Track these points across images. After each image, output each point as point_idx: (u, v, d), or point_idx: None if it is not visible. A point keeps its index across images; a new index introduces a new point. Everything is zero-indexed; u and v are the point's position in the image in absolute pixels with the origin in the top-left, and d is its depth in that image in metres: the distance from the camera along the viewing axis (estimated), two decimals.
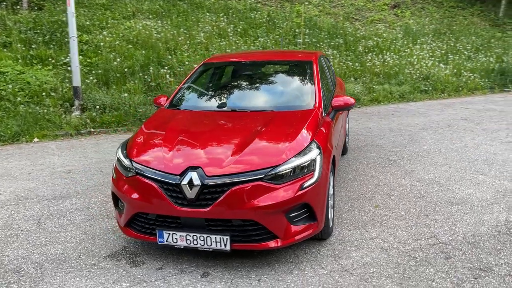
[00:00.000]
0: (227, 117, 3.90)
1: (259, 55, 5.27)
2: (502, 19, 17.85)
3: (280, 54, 5.59)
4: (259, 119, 3.75)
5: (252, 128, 3.55)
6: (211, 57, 5.11)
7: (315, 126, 3.64)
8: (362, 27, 16.15)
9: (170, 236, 3.20)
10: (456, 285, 3.04)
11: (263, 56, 5.08)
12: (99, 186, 5.25)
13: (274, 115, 3.80)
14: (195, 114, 4.04)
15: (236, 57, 5.07)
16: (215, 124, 3.78)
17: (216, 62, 4.94)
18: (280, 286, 3.08)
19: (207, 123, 3.82)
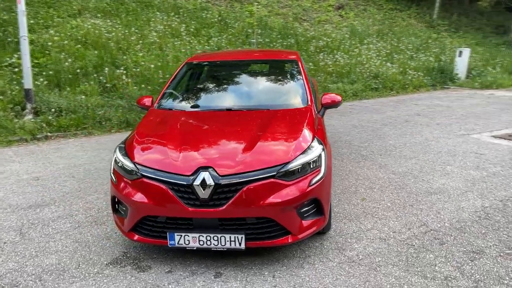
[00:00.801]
0: (225, 116, 3.89)
1: (242, 54, 5.28)
2: (436, 21, 19.07)
3: (261, 53, 5.64)
4: (259, 118, 3.78)
5: (255, 127, 3.58)
6: (193, 57, 5.06)
7: (314, 124, 3.74)
8: (311, 28, 16.58)
9: (182, 238, 3.15)
10: (457, 268, 3.26)
11: (247, 55, 5.10)
12: (76, 192, 5.01)
13: (272, 114, 3.85)
14: (191, 114, 3.99)
15: (219, 56, 5.06)
16: (215, 124, 3.76)
17: (201, 62, 4.90)
18: (295, 280, 3.13)
19: (207, 123, 3.80)
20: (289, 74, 4.53)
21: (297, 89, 4.30)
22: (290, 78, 4.47)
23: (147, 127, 3.81)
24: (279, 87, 4.43)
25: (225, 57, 4.95)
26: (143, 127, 3.81)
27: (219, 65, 4.80)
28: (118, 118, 8.78)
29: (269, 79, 4.55)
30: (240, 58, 4.90)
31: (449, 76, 13.74)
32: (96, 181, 5.36)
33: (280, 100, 4.21)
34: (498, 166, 5.60)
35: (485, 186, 4.90)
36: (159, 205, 3.16)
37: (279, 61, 4.77)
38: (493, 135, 7.27)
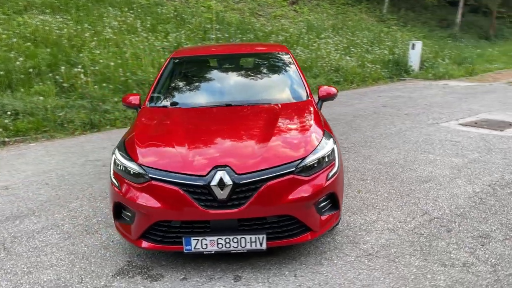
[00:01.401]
0: (227, 112, 3.72)
1: (230, 48, 5.10)
2: (386, 15, 19.68)
3: (249, 46, 5.47)
4: (263, 113, 3.65)
5: (262, 122, 3.45)
6: (177, 51, 4.81)
7: (320, 117, 3.66)
8: (268, 23, 16.55)
9: (199, 243, 2.97)
10: (470, 254, 3.31)
11: (236, 49, 4.93)
12: (55, 200, 4.64)
13: (276, 108, 3.73)
14: (190, 111, 3.78)
15: (206, 51, 4.86)
16: (219, 120, 3.58)
17: (188, 57, 4.67)
18: (319, 278, 3.05)
19: (210, 119, 3.61)
20: (283, 67, 4.41)
21: (294, 82, 4.21)
22: (285, 71, 4.36)
23: (146, 126, 3.57)
24: (276, 80, 4.32)
25: (213, 51, 4.76)
26: (141, 127, 3.56)
27: (209, 60, 4.60)
28: (81, 119, 8.29)
29: (263, 73, 4.42)
30: (229, 52, 4.72)
31: (404, 68, 14.21)
32: (74, 187, 4.99)
33: (279, 94, 4.09)
34: (476, 153, 5.81)
35: (470, 172, 5.06)
36: (173, 209, 2.96)
37: (270, 54, 4.65)
38: (460, 123, 7.56)
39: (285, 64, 4.44)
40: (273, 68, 4.45)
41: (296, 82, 4.20)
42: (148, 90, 9.87)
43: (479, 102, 9.62)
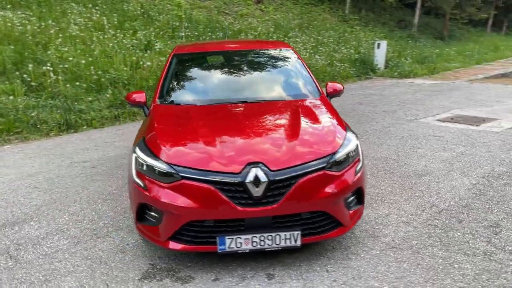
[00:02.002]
0: (246, 109, 3.67)
1: (233, 44, 5.02)
2: (348, 15, 20.14)
3: (251, 43, 5.41)
4: (283, 109, 3.63)
5: (285, 119, 3.43)
6: (178, 48, 4.67)
7: (338, 114, 3.69)
8: (235, 21, 16.50)
9: (233, 242, 2.91)
10: (487, 242, 3.45)
11: (239, 46, 4.85)
12: (51, 204, 4.41)
13: (294, 105, 3.72)
14: (208, 108, 3.68)
15: (208, 47, 4.76)
16: (240, 117, 3.52)
17: (192, 53, 4.55)
18: (351, 272, 3.07)
19: (231, 116, 3.54)
20: (291, 64, 4.40)
21: (304, 79, 4.21)
22: (293, 68, 4.35)
23: (165, 124, 3.45)
24: (286, 77, 4.30)
25: (217, 48, 4.67)
26: (161, 125, 3.43)
27: (214, 56, 4.51)
28: (55, 120, 7.91)
29: (273, 70, 4.39)
30: (234, 49, 4.65)
31: (370, 67, 14.61)
32: (68, 190, 4.76)
33: (292, 90, 4.08)
34: (461, 147, 6.06)
35: (462, 165, 5.27)
36: (207, 208, 2.88)
37: (276, 51, 4.62)
38: (437, 119, 7.86)
39: (292, 60, 4.43)
40: (281, 65, 4.42)
41: (306, 79, 4.21)
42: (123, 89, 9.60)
43: (447, 99, 10.04)
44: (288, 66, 4.36)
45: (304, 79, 4.21)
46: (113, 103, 9.01)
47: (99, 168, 5.53)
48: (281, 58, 4.47)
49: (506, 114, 8.17)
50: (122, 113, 8.74)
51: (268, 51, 4.57)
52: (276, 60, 4.46)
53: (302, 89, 4.08)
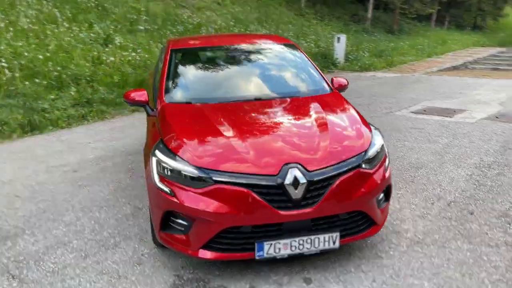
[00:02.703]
0: (264, 106, 3.50)
1: (232, 39, 4.80)
2: (304, 10, 20.28)
3: (249, 37, 5.18)
4: (302, 106, 3.51)
5: (309, 116, 3.30)
6: (173, 43, 4.39)
7: (355, 109, 3.62)
8: (193, 14, 16.11)
9: (272, 247, 2.76)
10: (505, 232, 3.53)
11: (239, 40, 4.63)
12: (41, 214, 4.03)
13: (312, 100, 3.61)
14: (224, 106, 3.46)
15: (207, 42, 4.53)
16: (263, 115, 3.35)
17: (192, 48, 4.30)
18: (387, 270, 3.02)
19: (252, 115, 3.36)
20: (296, 59, 4.27)
21: (312, 74, 4.11)
22: (300, 63, 4.22)
23: (184, 125, 3.20)
24: (294, 72, 4.15)
25: (217, 43, 4.45)
26: (179, 126, 3.18)
27: (215, 51, 4.28)
28: (17, 121, 7.30)
29: (279, 65, 4.22)
30: (235, 43, 4.43)
31: (331, 61, 14.77)
32: (55, 198, 4.38)
33: (303, 86, 3.95)
34: (444, 138, 6.23)
35: (452, 157, 5.40)
36: (244, 213, 2.71)
37: (279, 46, 4.46)
38: (411, 112, 8.06)
39: (297, 55, 4.31)
40: (288, 60, 4.27)
41: (315, 74, 4.10)
42: (87, 86, 9.04)
43: (412, 91, 10.33)
44: (294, 61, 4.23)
45: (313, 74, 4.10)
46: (79, 101, 8.47)
47: (82, 172, 5.14)
48: (286, 53, 4.33)
49: (473, 105, 8.52)
50: (89, 112, 8.23)
51: (272, 46, 4.41)
52: (282, 55, 4.31)
53: (314, 84, 3.97)
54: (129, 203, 4.23)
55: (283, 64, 4.22)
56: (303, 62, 4.23)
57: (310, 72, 4.11)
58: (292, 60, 4.24)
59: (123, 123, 7.67)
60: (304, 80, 4.02)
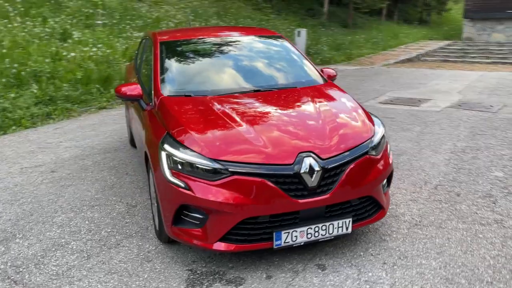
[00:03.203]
0: (269, 97, 3.50)
1: (220, 31, 4.72)
2: (261, 4, 20.34)
3: (237, 29, 5.11)
4: (304, 96, 3.55)
5: (312, 106, 3.34)
6: (160, 35, 4.27)
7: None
8: (151, 8, 15.75)
9: (289, 236, 2.79)
10: (492, 211, 3.74)
11: (228, 32, 4.57)
12: (28, 216, 3.85)
13: (312, 90, 3.65)
14: (226, 98, 3.41)
15: (195, 34, 4.45)
16: (268, 106, 3.34)
17: (181, 40, 4.20)
18: (395, 253, 3.13)
19: (257, 106, 3.34)
20: (286, 51, 4.29)
21: (306, 66, 4.15)
22: (292, 55, 4.25)
23: (190, 116, 3.14)
24: (288, 64, 4.16)
25: (207, 35, 4.37)
26: (186, 119, 3.12)
27: (207, 43, 4.19)
28: None
29: (272, 57, 4.22)
30: (225, 36, 4.38)
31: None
32: (39, 200, 4.19)
33: (299, 77, 3.98)
34: (416, 126, 6.50)
35: (428, 144, 5.65)
36: (262, 203, 2.71)
37: (269, 38, 4.45)
38: (379, 102, 8.34)
39: (288, 47, 4.33)
40: (280, 52, 4.28)
41: (308, 65, 4.15)
42: (48, 83, 8.62)
43: (376, 83, 10.68)
44: (287, 53, 4.26)
45: (307, 65, 4.15)
46: (41, 99, 8.08)
47: (61, 172, 4.93)
48: (278, 45, 4.34)
49: (435, 94, 8.93)
50: (54, 110, 7.88)
51: (262, 38, 4.40)
52: (274, 47, 4.32)
53: (309, 75, 4.02)
54: (121, 201, 4.11)
55: (277, 56, 4.24)
56: (295, 54, 4.26)
57: (303, 63, 4.16)
58: (284, 52, 4.27)
59: (92, 121, 7.41)
60: (299, 71, 4.06)
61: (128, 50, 11.24)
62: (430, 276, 2.84)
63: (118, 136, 6.40)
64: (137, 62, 5.05)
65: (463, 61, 16.10)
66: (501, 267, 2.92)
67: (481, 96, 8.65)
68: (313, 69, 4.09)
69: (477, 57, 16.64)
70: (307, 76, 3.99)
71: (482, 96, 8.70)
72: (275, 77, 3.94)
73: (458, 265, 2.96)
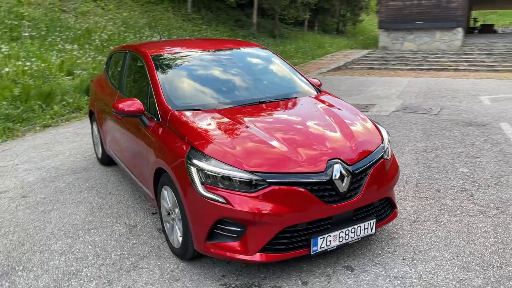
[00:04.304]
0: (278, 108, 3.57)
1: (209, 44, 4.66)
2: (191, 15, 20.30)
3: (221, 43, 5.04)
4: (307, 105, 3.68)
5: (323, 114, 3.48)
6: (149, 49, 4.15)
7: None
8: (77, 20, 15.04)
9: (324, 241, 2.89)
10: (474, 203, 4.13)
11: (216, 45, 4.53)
12: (19, 247, 3.55)
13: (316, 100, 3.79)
14: (238, 110, 3.42)
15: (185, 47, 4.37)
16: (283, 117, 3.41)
17: (171, 55, 4.08)
18: (408, 249, 3.35)
19: (273, 117, 3.40)
20: (278, 63, 4.35)
21: (297, 76, 4.27)
22: (282, 67, 4.34)
23: (211, 130, 3.11)
24: (282, 75, 4.24)
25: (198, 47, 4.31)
26: (207, 131, 3.09)
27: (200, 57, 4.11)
28: None
29: (266, 69, 4.26)
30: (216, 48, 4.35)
31: None
32: (24, 228, 3.88)
33: (296, 87, 4.07)
34: None
35: (392, 146, 6.05)
36: (300, 211, 2.79)
37: (257, 50, 4.48)
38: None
39: (278, 60, 4.43)
40: (273, 64, 4.34)
41: (300, 76, 4.29)
42: None
43: None
44: (279, 65, 4.34)
45: (299, 76, 4.28)
46: None
47: (34, 196, 4.59)
48: (269, 58, 4.41)
49: (377, 100, 9.56)
50: None
51: (253, 51, 4.45)
52: (266, 60, 4.38)
53: (304, 85, 4.15)
54: (117, 222, 3.93)
55: (271, 67, 4.32)
56: (285, 65, 4.38)
57: (296, 74, 4.29)
58: (276, 64, 4.36)
59: (42, 140, 6.93)
60: (294, 82, 4.18)
61: (64, 64, 10.65)
62: (449, 267, 3.09)
63: (80, 155, 6.07)
64: (116, 77, 4.84)
65: (386, 68, 17.34)
66: (503, 252, 3.26)
67: (418, 100, 9.42)
68: (305, 80, 4.24)
69: (397, 64, 18.00)
70: (303, 86, 4.12)
71: (419, 100, 9.48)
72: (275, 88, 4.03)
73: (467, 254, 3.25)
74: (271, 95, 3.82)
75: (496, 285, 2.86)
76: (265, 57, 4.40)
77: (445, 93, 10.26)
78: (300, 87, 4.09)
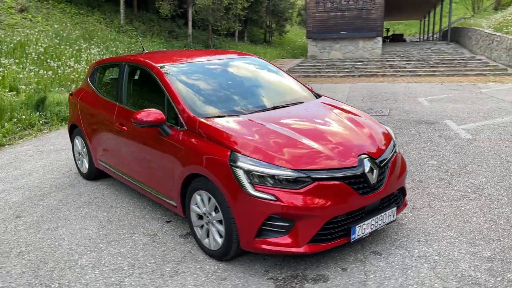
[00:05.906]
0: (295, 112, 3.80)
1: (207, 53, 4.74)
2: (124, 26, 19.88)
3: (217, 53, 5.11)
4: (318, 108, 3.97)
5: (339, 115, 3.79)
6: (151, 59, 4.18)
7: None
8: (7, 32, 14.15)
9: (360, 229, 3.19)
10: (453, 189, 4.68)
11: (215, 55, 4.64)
12: (42, 266, 3.44)
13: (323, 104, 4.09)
14: (260, 115, 3.63)
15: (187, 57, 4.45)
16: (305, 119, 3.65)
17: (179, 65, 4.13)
18: (418, 232, 3.75)
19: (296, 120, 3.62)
20: (277, 71, 4.56)
21: (296, 84, 4.55)
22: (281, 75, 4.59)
23: (245, 135, 3.28)
24: (283, 82, 4.46)
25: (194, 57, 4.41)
26: (241, 136, 3.25)
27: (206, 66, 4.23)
28: None
29: (268, 77, 4.45)
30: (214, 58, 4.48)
31: None
32: (38, 247, 3.76)
33: (297, 93, 4.33)
34: None
35: None
36: (341, 203, 3.06)
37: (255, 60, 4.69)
38: None
39: (275, 69, 4.68)
40: (273, 72, 4.55)
41: (299, 83, 4.58)
42: None
43: None
44: (278, 74, 4.58)
45: (298, 83, 4.57)
46: None
47: (29, 216, 4.41)
48: (267, 67, 4.63)
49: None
50: None
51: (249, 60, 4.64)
52: (264, 68, 4.58)
53: (305, 91, 4.44)
54: (135, 233, 3.94)
55: (274, 75, 4.54)
56: (283, 74, 4.65)
57: (294, 82, 4.58)
58: (275, 72, 4.60)
59: (4, 160, 6.59)
60: (295, 88, 4.45)
61: (5, 79, 10.03)
62: (458, 243, 3.53)
63: (57, 171, 5.85)
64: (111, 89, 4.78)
65: (321, 75, 18.31)
66: (496, 227, 3.78)
67: (367, 104, 10.16)
68: (302, 86, 4.55)
69: (330, 72, 19.05)
70: (304, 91, 4.42)
71: (367, 103, 10.22)
72: (282, 94, 4.28)
73: (468, 232, 3.72)
74: (282, 100, 4.06)
75: (502, 255, 3.33)
76: (264, 66, 4.63)
77: (387, 97, 11.15)
78: (302, 93, 4.38)
